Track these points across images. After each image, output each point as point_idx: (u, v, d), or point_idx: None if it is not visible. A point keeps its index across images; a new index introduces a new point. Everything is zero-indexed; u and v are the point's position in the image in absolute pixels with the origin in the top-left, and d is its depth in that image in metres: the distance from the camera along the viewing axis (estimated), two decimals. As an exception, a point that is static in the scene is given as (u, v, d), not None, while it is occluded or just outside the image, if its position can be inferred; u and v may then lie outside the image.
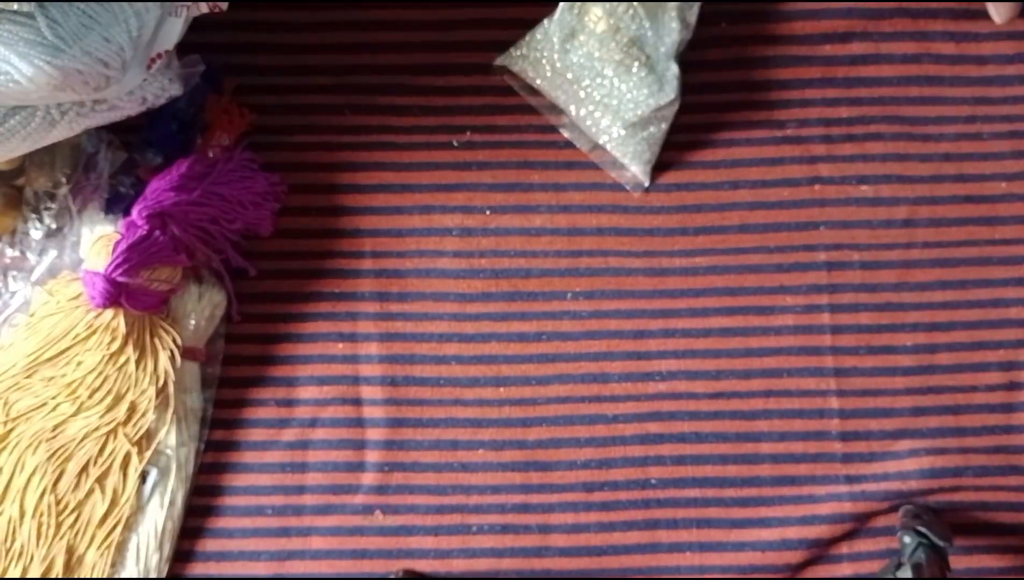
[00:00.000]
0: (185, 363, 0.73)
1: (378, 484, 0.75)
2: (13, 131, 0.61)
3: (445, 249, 0.78)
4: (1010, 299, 0.77)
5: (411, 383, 0.76)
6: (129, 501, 0.71)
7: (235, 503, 0.75)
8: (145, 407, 0.71)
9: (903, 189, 0.78)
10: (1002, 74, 0.79)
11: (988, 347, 0.77)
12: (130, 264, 0.67)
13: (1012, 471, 0.76)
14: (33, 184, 0.74)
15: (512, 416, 0.76)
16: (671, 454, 0.76)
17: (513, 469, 0.76)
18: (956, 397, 0.77)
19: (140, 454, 0.71)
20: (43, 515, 0.69)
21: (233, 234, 0.75)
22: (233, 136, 0.76)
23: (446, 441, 0.76)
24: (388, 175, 0.79)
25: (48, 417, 0.70)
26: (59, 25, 0.55)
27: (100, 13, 0.56)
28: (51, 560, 0.69)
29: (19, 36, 0.54)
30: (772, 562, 0.75)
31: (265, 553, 0.75)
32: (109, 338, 0.70)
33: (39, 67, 0.55)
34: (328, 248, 0.78)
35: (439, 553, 0.75)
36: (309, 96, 0.78)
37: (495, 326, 0.77)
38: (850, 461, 0.76)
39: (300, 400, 0.76)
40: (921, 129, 0.79)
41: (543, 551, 0.75)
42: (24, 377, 0.71)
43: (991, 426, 0.77)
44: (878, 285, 0.77)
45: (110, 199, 0.74)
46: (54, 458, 0.70)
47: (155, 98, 0.67)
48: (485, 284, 0.77)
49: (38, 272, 0.74)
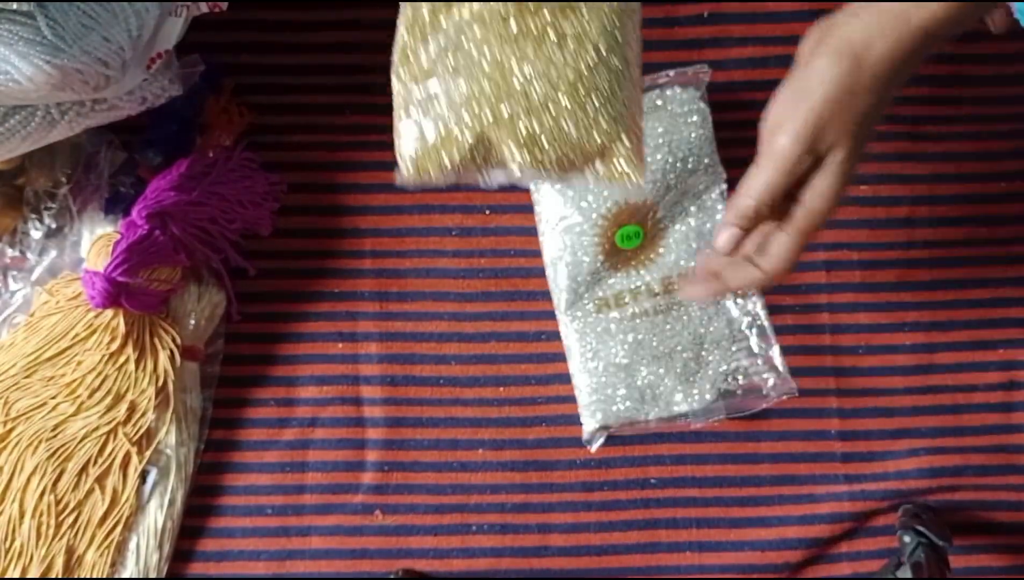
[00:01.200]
0: (185, 363, 0.73)
1: (378, 484, 0.75)
2: (13, 131, 0.61)
3: (445, 249, 0.78)
4: (1009, 298, 0.77)
5: (411, 383, 0.76)
6: (129, 501, 0.71)
7: (235, 503, 0.75)
8: (145, 407, 0.71)
9: (902, 188, 0.78)
10: (1002, 73, 0.79)
11: (987, 346, 0.77)
12: (130, 264, 0.67)
13: (1011, 470, 0.76)
14: (33, 184, 0.74)
15: (512, 416, 0.76)
16: (670, 453, 0.76)
17: (513, 469, 0.76)
18: (955, 396, 0.77)
19: (140, 454, 0.71)
20: (43, 515, 0.69)
21: (233, 234, 0.75)
22: (233, 136, 0.76)
23: (446, 441, 0.76)
24: (388, 175, 0.78)
25: (48, 417, 0.70)
26: (59, 25, 0.55)
27: (100, 13, 0.56)
28: (51, 560, 0.69)
29: (19, 35, 0.54)
30: (771, 561, 0.75)
31: (265, 553, 0.75)
32: (109, 338, 0.70)
33: (39, 66, 0.55)
34: (328, 248, 0.78)
35: (439, 553, 0.75)
36: (309, 96, 0.78)
37: (495, 326, 0.77)
38: (849, 460, 0.76)
39: (300, 400, 0.76)
40: (920, 128, 0.79)
41: (543, 550, 0.75)
42: (24, 377, 0.71)
43: (990, 425, 0.77)
44: (877, 284, 0.77)
45: (110, 199, 0.74)
46: (54, 458, 0.70)
47: (155, 98, 0.67)
48: (485, 284, 0.77)
49: (38, 272, 0.74)
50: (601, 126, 0.48)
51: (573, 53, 0.47)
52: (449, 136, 0.48)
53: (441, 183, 0.49)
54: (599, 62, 0.48)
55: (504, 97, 0.47)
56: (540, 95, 0.47)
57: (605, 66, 0.48)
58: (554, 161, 0.48)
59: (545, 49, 0.47)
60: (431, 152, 0.48)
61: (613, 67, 0.48)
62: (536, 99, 0.47)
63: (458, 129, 0.47)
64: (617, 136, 0.48)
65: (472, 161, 0.48)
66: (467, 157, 0.48)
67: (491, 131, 0.47)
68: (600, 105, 0.48)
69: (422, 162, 0.48)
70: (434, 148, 0.48)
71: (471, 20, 0.48)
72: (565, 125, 0.47)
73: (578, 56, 0.47)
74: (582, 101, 0.47)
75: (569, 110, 0.47)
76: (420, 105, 0.48)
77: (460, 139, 0.48)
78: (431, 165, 0.48)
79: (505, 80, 0.47)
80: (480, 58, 0.47)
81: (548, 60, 0.47)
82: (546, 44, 0.47)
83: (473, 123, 0.47)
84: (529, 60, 0.47)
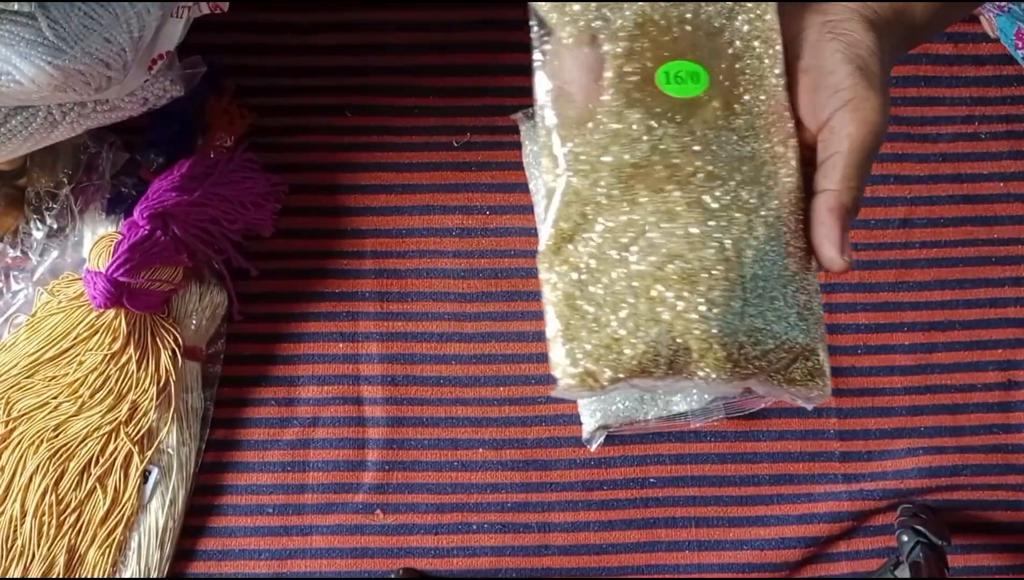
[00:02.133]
0: (186, 362, 0.73)
1: (378, 483, 0.75)
2: (15, 131, 0.61)
3: (445, 249, 0.78)
4: (1008, 298, 0.78)
5: (411, 382, 0.77)
6: (130, 500, 0.71)
7: (236, 502, 0.75)
8: (146, 406, 0.71)
9: (900, 189, 0.78)
10: (1000, 74, 0.79)
11: (986, 346, 0.77)
12: (131, 264, 0.68)
13: (1010, 470, 0.76)
14: (35, 184, 0.74)
15: (512, 416, 0.76)
16: (669, 453, 0.76)
17: (513, 468, 0.76)
18: (954, 396, 0.77)
19: (141, 453, 0.71)
20: (44, 514, 0.69)
21: (234, 234, 0.75)
22: (234, 137, 0.76)
23: (446, 440, 0.76)
24: (388, 175, 0.79)
25: (49, 416, 0.70)
26: (60, 26, 0.55)
27: (101, 14, 0.57)
28: (52, 559, 0.69)
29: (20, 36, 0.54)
30: (770, 560, 0.75)
31: (266, 552, 0.75)
32: (110, 338, 0.71)
33: (40, 67, 0.55)
34: (329, 248, 0.78)
35: (439, 552, 0.75)
36: (310, 97, 0.79)
37: (495, 326, 0.77)
38: (848, 460, 0.76)
39: (301, 399, 0.76)
40: (919, 129, 0.79)
41: (543, 549, 0.75)
42: (26, 377, 0.71)
43: (989, 425, 0.77)
44: (875, 284, 0.78)
45: (112, 199, 0.74)
46: (55, 457, 0.70)
47: (157, 99, 0.67)
48: (485, 284, 0.78)
49: (40, 272, 0.74)
50: (807, 327, 0.38)
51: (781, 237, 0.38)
52: (620, 341, 0.36)
53: (609, 391, 0.38)
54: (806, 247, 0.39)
55: (696, 292, 0.36)
56: (744, 287, 0.37)
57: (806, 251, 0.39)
58: (751, 369, 0.38)
59: (753, 228, 0.38)
60: (600, 361, 0.37)
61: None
62: (737, 293, 0.37)
63: (633, 331, 0.36)
64: (821, 338, 0.39)
65: (649, 370, 0.37)
66: (645, 365, 0.37)
67: (677, 334, 0.36)
68: (808, 300, 0.39)
69: (585, 374, 0.37)
70: (602, 356, 0.37)
71: (651, 195, 0.38)
72: (769, 326, 0.38)
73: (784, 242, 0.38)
74: (792, 297, 0.38)
75: (778, 309, 0.38)
76: (581, 303, 0.37)
77: (636, 344, 0.36)
78: (597, 377, 0.37)
79: (698, 271, 0.37)
80: (665, 243, 0.37)
81: (756, 243, 0.37)
82: (757, 224, 0.38)
83: (651, 326, 0.36)
84: (729, 240, 0.37)
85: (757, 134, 0.39)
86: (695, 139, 0.38)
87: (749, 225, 0.38)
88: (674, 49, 0.39)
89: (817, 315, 0.39)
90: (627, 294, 0.37)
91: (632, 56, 0.39)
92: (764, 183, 0.39)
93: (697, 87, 0.39)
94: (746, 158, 0.39)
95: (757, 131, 0.39)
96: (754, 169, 0.39)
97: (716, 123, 0.39)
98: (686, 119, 0.39)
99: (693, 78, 0.39)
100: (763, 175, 0.39)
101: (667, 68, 0.39)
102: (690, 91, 0.39)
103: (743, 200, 0.38)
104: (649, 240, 0.37)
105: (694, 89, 0.39)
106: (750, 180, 0.38)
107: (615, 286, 0.37)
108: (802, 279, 0.39)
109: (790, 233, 0.39)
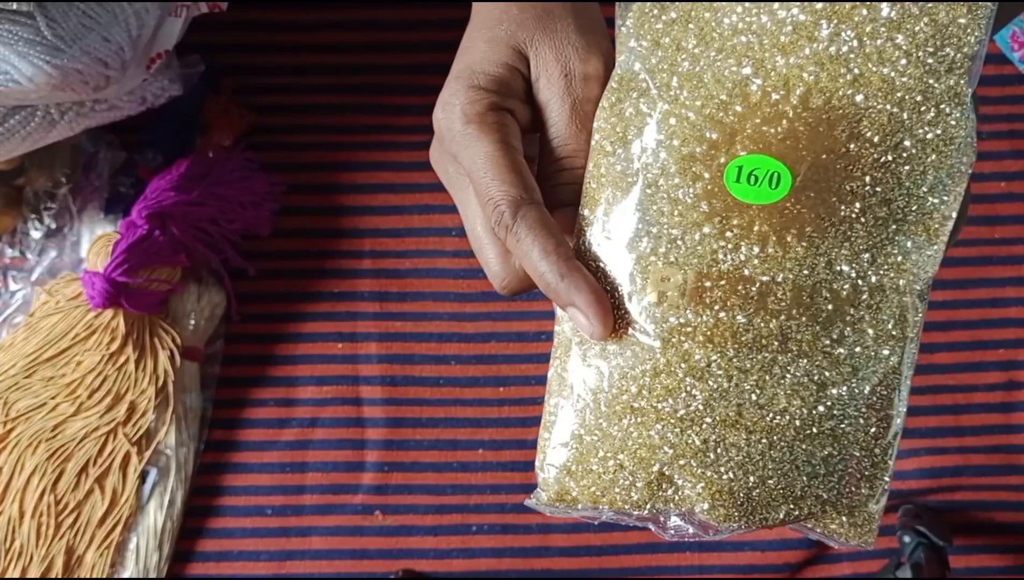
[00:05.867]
0: (185, 363, 0.73)
1: (378, 484, 0.75)
2: (13, 131, 0.61)
3: (445, 249, 0.78)
4: (1009, 298, 0.78)
5: (411, 383, 0.76)
6: (129, 501, 0.71)
7: (235, 503, 0.75)
8: (145, 407, 0.71)
9: (902, 189, 0.78)
10: (1001, 73, 0.79)
11: (987, 346, 0.77)
12: (130, 264, 0.67)
13: (1011, 470, 0.76)
14: (33, 184, 0.74)
15: (512, 416, 0.76)
16: (671, 454, 0.76)
17: (513, 469, 0.76)
18: (955, 396, 0.77)
19: (140, 454, 0.71)
20: (43, 515, 0.69)
21: (233, 234, 0.75)
22: (233, 136, 0.76)
23: (446, 441, 0.76)
24: (387, 175, 0.79)
25: (48, 417, 0.70)
26: (59, 25, 0.55)
27: (100, 13, 0.56)
28: (50, 560, 0.69)
29: (19, 36, 0.54)
30: (772, 561, 0.75)
31: (265, 553, 0.75)
32: (109, 338, 0.70)
33: (39, 67, 0.55)
34: (327, 248, 0.78)
35: (439, 553, 0.75)
36: (309, 96, 0.78)
37: (495, 326, 0.77)
38: (849, 460, 0.76)
39: (300, 400, 0.76)
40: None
41: (543, 551, 0.75)
42: (24, 377, 0.71)
43: (990, 425, 0.77)
44: (877, 285, 0.77)
45: (110, 199, 0.74)
46: (54, 458, 0.70)
47: (155, 98, 0.67)
48: (485, 284, 0.77)
49: (38, 272, 0.74)
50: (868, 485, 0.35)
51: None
52: (615, 471, 0.32)
53: (590, 518, 0.34)
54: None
55: (706, 426, 0.32)
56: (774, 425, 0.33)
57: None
58: (773, 519, 0.34)
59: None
60: (585, 480, 0.33)
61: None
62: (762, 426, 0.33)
63: (629, 461, 0.32)
64: (881, 494, 0.35)
65: (641, 503, 0.33)
66: (638, 498, 0.32)
67: (674, 469, 0.32)
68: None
69: (566, 489, 0.33)
70: (591, 480, 0.33)
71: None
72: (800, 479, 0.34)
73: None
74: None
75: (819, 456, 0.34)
76: (574, 418, 0.33)
77: (631, 475, 0.32)
78: (581, 495, 0.33)
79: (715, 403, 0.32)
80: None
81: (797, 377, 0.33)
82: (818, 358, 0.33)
83: (652, 457, 0.32)
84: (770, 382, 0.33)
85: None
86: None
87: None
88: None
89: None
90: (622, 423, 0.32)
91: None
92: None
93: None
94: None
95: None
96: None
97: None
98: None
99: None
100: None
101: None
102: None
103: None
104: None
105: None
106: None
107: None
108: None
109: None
